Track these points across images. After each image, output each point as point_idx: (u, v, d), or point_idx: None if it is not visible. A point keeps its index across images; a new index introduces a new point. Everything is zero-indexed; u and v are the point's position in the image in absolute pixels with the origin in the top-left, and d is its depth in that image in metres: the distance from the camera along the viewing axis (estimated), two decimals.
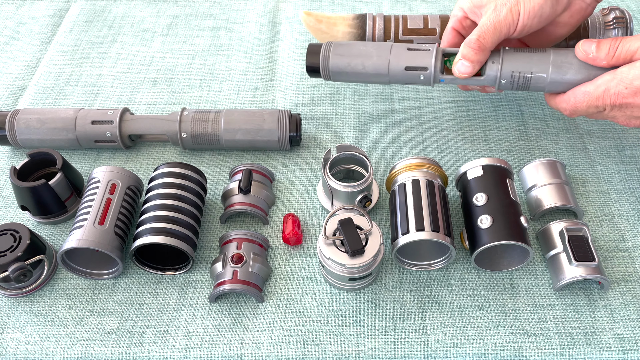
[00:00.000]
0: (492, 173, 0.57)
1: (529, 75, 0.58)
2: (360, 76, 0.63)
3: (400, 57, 0.61)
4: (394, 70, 0.61)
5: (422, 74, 0.60)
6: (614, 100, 0.54)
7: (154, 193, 0.57)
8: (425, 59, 0.60)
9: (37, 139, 0.66)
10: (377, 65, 0.61)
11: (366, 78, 0.63)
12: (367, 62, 0.62)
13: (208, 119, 0.65)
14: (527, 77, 0.58)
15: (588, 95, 0.55)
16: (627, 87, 0.52)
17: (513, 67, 0.58)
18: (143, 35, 0.85)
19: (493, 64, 0.58)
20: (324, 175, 0.58)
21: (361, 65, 0.62)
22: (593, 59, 0.55)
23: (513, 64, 0.58)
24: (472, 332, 0.52)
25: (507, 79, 0.58)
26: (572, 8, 0.58)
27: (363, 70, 0.62)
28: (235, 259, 0.54)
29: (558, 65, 0.57)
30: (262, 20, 0.86)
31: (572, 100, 0.57)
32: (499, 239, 0.52)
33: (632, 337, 0.52)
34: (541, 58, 0.57)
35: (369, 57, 0.61)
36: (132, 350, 0.52)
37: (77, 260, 0.57)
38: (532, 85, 0.58)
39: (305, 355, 0.51)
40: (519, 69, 0.58)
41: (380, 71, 0.62)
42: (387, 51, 0.61)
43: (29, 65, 0.81)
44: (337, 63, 0.63)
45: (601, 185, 0.64)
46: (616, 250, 0.58)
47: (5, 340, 0.53)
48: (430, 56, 0.60)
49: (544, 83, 0.58)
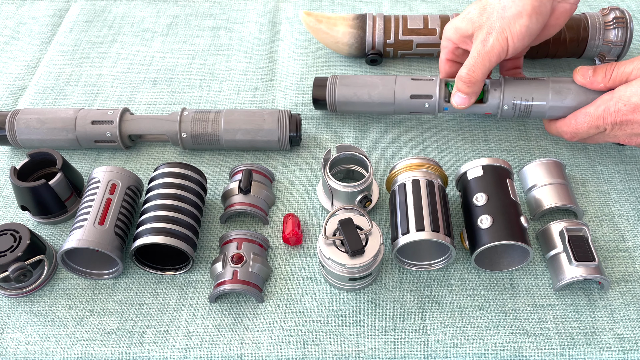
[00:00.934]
0: (492, 173, 0.57)
1: (530, 101, 0.61)
2: (366, 105, 0.66)
3: (405, 86, 0.64)
4: (399, 98, 0.64)
5: (427, 101, 0.64)
6: (614, 119, 0.55)
7: (154, 193, 0.57)
8: (429, 88, 0.63)
9: (37, 139, 0.66)
10: (383, 94, 0.64)
11: (372, 107, 0.66)
12: (373, 92, 0.64)
13: (208, 119, 0.65)
14: (529, 104, 0.61)
15: (588, 116, 0.57)
16: (626, 104, 0.54)
17: (514, 93, 0.61)
18: (143, 35, 0.85)
19: (495, 91, 0.61)
20: (324, 175, 0.58)
21: (367, 94, 0.65)
22: (590, 83, 0.58)
23: (514, 90, 0.61)
24: (472, 332, 0.52)
25: (509, 105, 0.62)
26: (557, 11, 0.58)
27: (369, 99, 0.65)
28: (235, 259, 0.54)
29: (557, 90, 0.60)
30: (262, 20, 0.86)
31: (572, 123, 0.59)
32: (499, 239, 0.52)
33: (632, 337, 0.52)
34: (540, 85, 0.61)
35: (375, 87, 0.64)
36: (132, 350, 0.52)
37: (77, 260, 0.57)
38: (534, 111, 0.62)
39: (305, 355, 0.51)
40: (520, 95, 0.61)
41: (386, 100, 0.64)
42: (392, 81, 0.64)
43: (29, 65, 0.81)
44: (344, 93, 0.65)
45: (601, 185, 0.64)
46: (616, 250, 0.58)
47: (5, 340, 0.53)
48: (435, 85, 0.63)
49: (544, 108, 0.61)
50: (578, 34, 0.72)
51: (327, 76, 0.66)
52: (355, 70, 0.77)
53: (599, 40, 0.72)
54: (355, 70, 0.78)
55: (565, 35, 0.72)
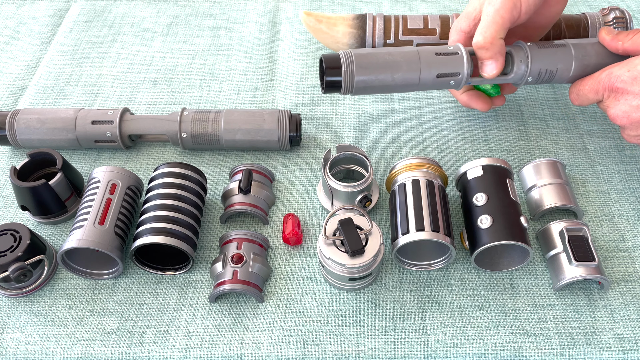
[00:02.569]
0: (492, 173, 0.57)
1: (554, 71, 0.59)
2: (388, 88, 0.59)
3: (431, 65, 0.57)
4: (425, 79, 0.58)
5: (453, 79, 0.58)
6: (612, 83, 0.54)
7: (154, 193, 0.57)
8: (457, 65, 0.58)
9: (37, 139, 0.66)
10: (407, 76, 0.58)
11: (393, 89, 0.59)
12: (396, 74, 0.57)
13: (208, 119, 0.65)
14: (552, 73, 0.59)
15: (592, 79, 0.57)
16: (630, 69, 0.53)
17: (541, 65, 0.58)
18: (143, 35, 0.85)
19: (521, 62, 0.58)
20: (324, 175, 0.58)
21: (390, 77, 0.57)
22: (612, 39, 0.57)
23: (540, 62, 0.58)
24: (472, 332, 0.52)
25: (534, 76, 0.59)
26: None
27: (392, 82, 0.58)
28: (235, 259, 0.54)
29: (580, 58, 0.59)
30: (262, 20, 0.86)
31: (578, 82, 0.59)
32: (499, 239, 0.52)
33: (632, 337, 0.52)
34: (565, 53, 0.59)
35: (398, 67, 0.57)
36: (132, 350, 0.52)
37: (77, 260, 0.57)
38: (556, 79, 0.60)
39: (305, 355, 0.52)
40: (546, 67, 0.59)
41: (411, 82, 0.58)
42: (415, 59, 0.57)
43: (29, 65, 0.81)
44: (363, 78, 0.57)
45: (601, 185, 0.64)
46: (616, 250, 0.58)
47: (5, 340, 0.53)
48: (462, 61, 0.58)
49: (567, 76, 0.60)
50: (578, 34, 0.72)
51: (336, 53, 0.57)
52: None
53: None
54: None
55: (565, 35, 0.72)
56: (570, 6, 0.87)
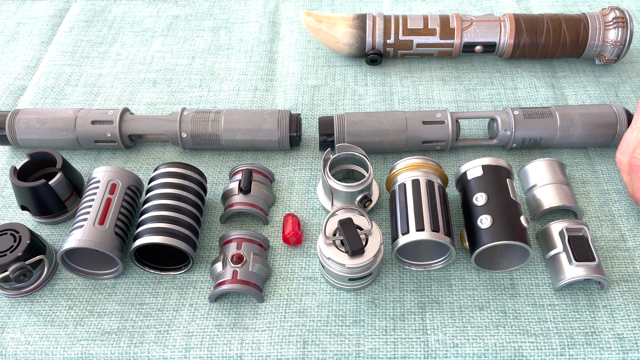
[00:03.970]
0: (492, 173, 0.57)
1: (539, 140, 0.64)
2: (377, 149, 0.66)
3: (417, 131, 0.64)
4: (411, 143, 0.65)
5: (438, 144, 0.65)
6: None
7: (154, 193, 0.57)
8: (441, 132, 0.64)
9: (37, 139, 0.66)
10: (395, 142, 0.64)
11: (383, 151, 0.66)
12: (385, 140, 0.64)
13: (208, 119, 0.65)
14: (537, 141, 0.64)
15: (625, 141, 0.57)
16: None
17: (524, 134, 0.64)
18: (143, 35, 0.85)
19: (505, 130, 0.64)
20: (324, 175, 0.58)
21: (379, 143, 0.64)
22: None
23: (524, 131, 0.64)
24: (472, 332, 0.52)
25: (518, 143, 0.65)
26: None
27: (381, 147, 0.65)
28: (235, 259, 0.54)
29: (564, 129, 0.63)
30: (262, 20, 0.86)
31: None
32: (499, 239, 0.52)
33: (632, 337, 0.52)
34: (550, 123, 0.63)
35: (386, 135, 0.64)
36: (132, 350, 0.52)
37: (77, 260, 0.57)
38: (542, 145, 0.65)
39: (305, 355, 0.51)
40: (530, 136, 0.64)
41: (398, 146, 0.65)
42: (403, 126, 0.64)
43: (29, 65, 0.81)
44: (353, 140, 0.64)
45: (601, 185, 0.64)
46: (616, 250, 0.58)
47: (5, 340, 0.53)
48: (447, 129, 0.64)
49: (552, 143, 0.65)
50: (578, 34, 0.72)
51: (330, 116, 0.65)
52: (355, 70, 0.77)
53: (599, 40, 0.72)
54: (355, 70, 0.78)
55: (565, 35, 0.72)
56: (570, 6, 0.87)
